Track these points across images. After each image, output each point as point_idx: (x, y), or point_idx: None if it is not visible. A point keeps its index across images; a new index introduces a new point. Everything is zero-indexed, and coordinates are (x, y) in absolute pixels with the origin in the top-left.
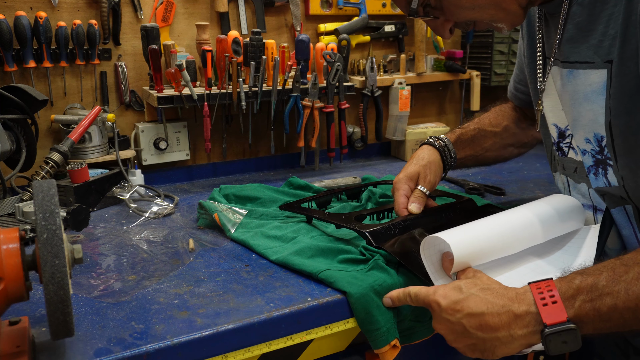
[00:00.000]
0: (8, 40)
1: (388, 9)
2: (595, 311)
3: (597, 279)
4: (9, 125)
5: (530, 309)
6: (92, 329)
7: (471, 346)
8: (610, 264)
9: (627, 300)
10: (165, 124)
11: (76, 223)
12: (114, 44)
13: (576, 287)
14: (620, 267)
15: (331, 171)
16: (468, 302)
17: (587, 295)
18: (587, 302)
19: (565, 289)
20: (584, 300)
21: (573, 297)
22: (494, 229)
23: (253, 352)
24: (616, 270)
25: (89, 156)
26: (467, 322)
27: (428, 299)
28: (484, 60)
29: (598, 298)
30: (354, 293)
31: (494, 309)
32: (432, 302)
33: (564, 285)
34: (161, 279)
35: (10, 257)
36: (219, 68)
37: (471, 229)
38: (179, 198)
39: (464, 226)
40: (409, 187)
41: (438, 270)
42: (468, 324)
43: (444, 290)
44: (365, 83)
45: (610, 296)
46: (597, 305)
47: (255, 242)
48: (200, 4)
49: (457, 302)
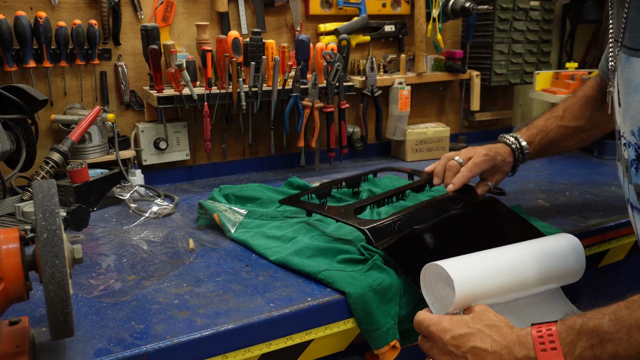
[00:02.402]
0: (8, 40)
1: (388, 9)
2: (596, 359)
3: (600, 323)
4: (9, 125)
5: (530, 354)
6: (92, 329)
7: None
8: (614, 307)
9: (629, 348)
10: (165, 124)
11: (76, 223)
12: (114, 44)
13: (577, 332)
14: (623, 311)
15: (331, 171)
16: (474, 337)
17: (588, 341)
18: (588, 349)
19: (566, 335)
20: (584, 347)
21: (573, 343)
22: (501, 273)
23: (253, 352)
24: (618, 314)
25: (89, 156)
26: (470, 357)
27: (430, 330)
28: (484, 60)
29: (599, 345)
30: (353, 293)
31: (497, 347)
32: (435, 333)
33: (565, 329)
34: (161, 279)
35: (10, 257)
36: (219, 68)
37: (478, 270)
38: (179, 198)
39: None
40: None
41: (438, 300)
42: (472, 359)
43: (450, 324)
44: (365, 83)
45: (612, 343)
46: (598, 352)
47: (255, 242)
48: (200, 4)
49: (463, 336)
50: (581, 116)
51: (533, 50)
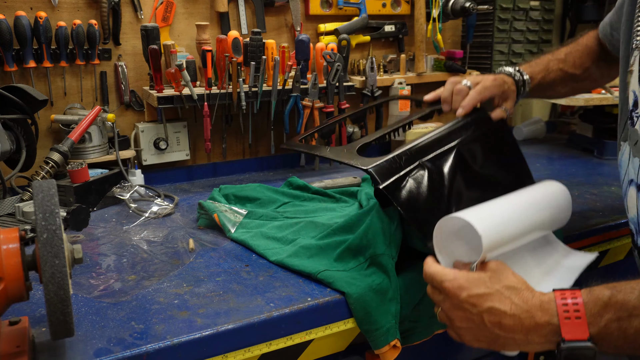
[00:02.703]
0: (8, 40)
1: (388, 9)
2: (621, 332)
3: (628, 297)
4: (9, 125)
5: (552, 321)
6: (92, 329)
7: (482, 338)
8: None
9: None
10: (165, 124)
11: (76, 223)
12: (114, 44)
13: (604, 304)
14: None
15: (331, 171)
16: (492, 298)
17: (615, 314)
18: (614, 322)
19: (593, 305)
20: (610, 319)
21: (600, 314)
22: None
23: (253, 352)
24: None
25: (89, 156)
26: (487, 317)
27: (445, 286)
28: (484, 60)
29: (626, 319)
30: (353, 293)
31: (517, 311)
32: (451, 289)
33: (592, 300)
34: (161, 279)
35: (10, 257)
36: (219, 68)
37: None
38: (179, 198)
39: (490, 209)
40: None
41: (449, 253)
42: (488, 319)
43: (467, 282)
44: (365, 83)
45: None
46: (624, 325)
47: (255, 242)
48: (200, 4)
49: (481, 295)
50: (580, 65)
51: (533, 50)
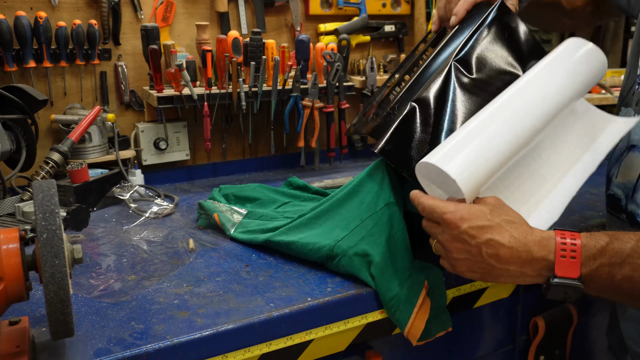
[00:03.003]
0: (8, 40)
1: (388, 9)
2: (610, 276)
3: (625, 246)
4: (9, 125)
5: (549, 257)
6: (92, 329)
7: (477, 269)
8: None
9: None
10: (165, 124)
11: (76, 223)
12: (114, 44)
13: (601, 248)
14: None
15: (331, 171)
16: (492, 230)
17: (608, 259)
18: (605, 266)
19: (589, 248)
20: (602, 263)
21: (594, 257)
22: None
23: (253, 352)
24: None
25: (89, 156)
26: (485, 249)
27: (446, 217)
28: None
29: (618, 265)
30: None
31: (515, 244)
32: (452, 221)
33: (590, 244)
34: (161, 279)
35: (10, 257)
36: (219, 68)
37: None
38: (179, 198)
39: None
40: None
41: (441, 192)
42: (485, 251)
43: (468, 214)
44: (365, 83)
45: (630, 266)
46: (614, 271)
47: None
48: (200, 4)
49: (482, 227)
50: (573, 1)
51: None
